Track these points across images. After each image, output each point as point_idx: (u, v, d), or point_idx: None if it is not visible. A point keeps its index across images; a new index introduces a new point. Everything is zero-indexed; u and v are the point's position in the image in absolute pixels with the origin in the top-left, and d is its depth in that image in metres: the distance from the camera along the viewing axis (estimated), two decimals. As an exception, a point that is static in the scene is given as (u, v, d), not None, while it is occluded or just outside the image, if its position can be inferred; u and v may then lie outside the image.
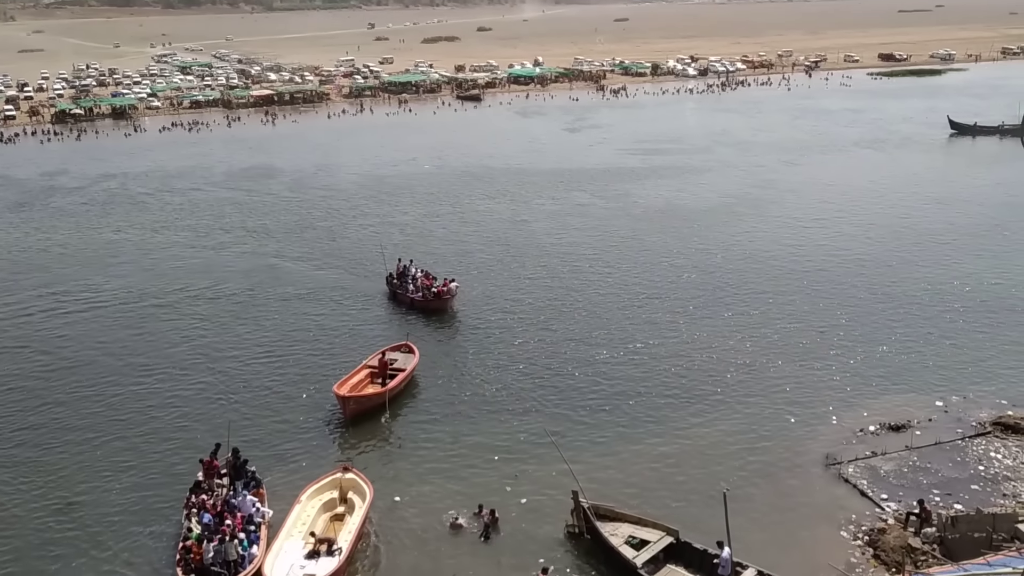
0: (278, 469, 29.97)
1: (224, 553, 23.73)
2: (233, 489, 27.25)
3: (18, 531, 26.80)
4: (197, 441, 31.31)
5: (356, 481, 28.04)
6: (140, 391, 36.33)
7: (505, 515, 26.86)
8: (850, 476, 28.49)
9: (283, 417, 33.98)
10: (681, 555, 24.44)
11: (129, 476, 29.74)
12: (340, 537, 25.48)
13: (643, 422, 32.90)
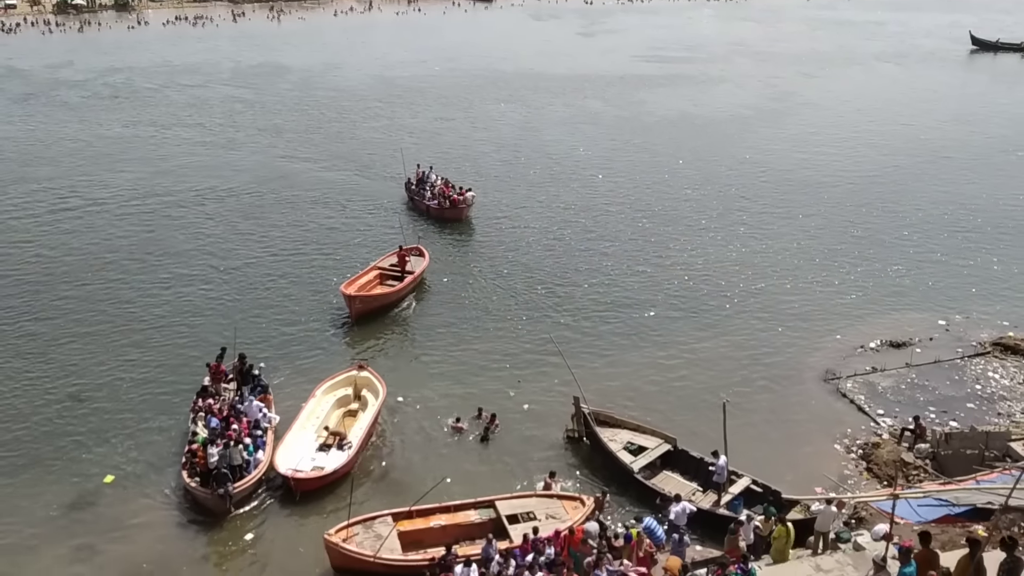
0: (284, 370, 30.42)
1: (229, 458, 23.47)
2: (240, 394, 27.43)
3: (26, 423, 27.35)
4: (204, 342, 31.62)
5: (370, 379, 28.57)
6: (147, 290, 36.64)
7: (506, 420, 27.39)
8: (848, 391, 28.91)
9: (290, 318, 34.38)
10: (678, 462, 25.03)
11: (136, 374, 30.16)
12: (351, 433, 26.12)
13: (647, 334, 33.24)
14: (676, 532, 20.06)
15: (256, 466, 24.20)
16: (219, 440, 23.77)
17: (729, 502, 22.86)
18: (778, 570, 17.87)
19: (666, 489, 23.35)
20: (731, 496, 23.04)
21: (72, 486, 24.35)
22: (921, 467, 24.26)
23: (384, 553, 20.65)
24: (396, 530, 21.51)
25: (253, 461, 24.26)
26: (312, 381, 29.02)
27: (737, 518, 20.41)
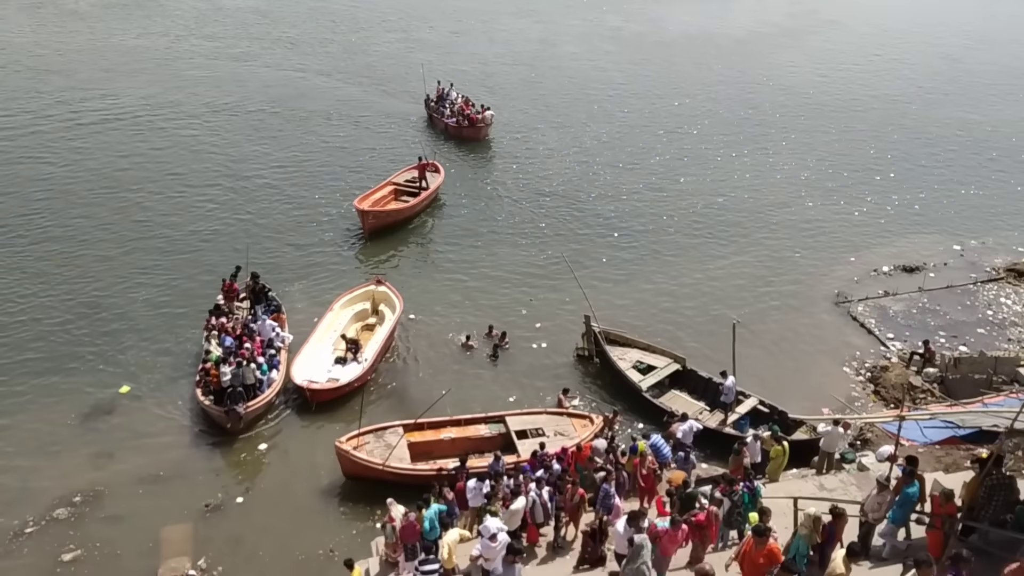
0: (297, 287, 30.64)
1: (242, 377, 23.54)
2: (253, 313, 27.47)
3: (43, 333, 27.68)
4: (217, 259, 31.65)
5: (387, 294, 28.84)
6: (160, 204, 36.52)
7: (518, 337, 27.70)
8: (859, 315, 28.96)
9: (304, 235, 34.39)
10: (686, 382, 25.32)
11: (151, 288, 30.35)
12: (367, 346, 26.47)
13: (662, 256, 33.28)
14: (682, 450, 20.38)
15: (269, 385, 24.33)
16: (232, 359, 23.89)
17: (735, 422, 23.18)
18: (781, 488, 18.15)
19: (673, 408, 23.68)
20: (737, 416, 23.35)
21: (89, 395, 24.81)
22: (929, 390, 24.42)
23: (393, 462, 21.19)
24: (406, 440, 22.02)
25: (266, 380, 24.36)
26: (324, 299, 29.28)
27: (742, 437, 20.69)
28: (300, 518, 20.85)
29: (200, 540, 20.14)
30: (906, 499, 14.21)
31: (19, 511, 20.73)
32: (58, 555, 19.53)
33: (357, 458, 21.24)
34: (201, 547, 19.93)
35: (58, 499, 21.10)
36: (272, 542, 20.08)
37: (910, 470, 14.65)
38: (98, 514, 20.80)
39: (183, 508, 21.05)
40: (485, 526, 14.66)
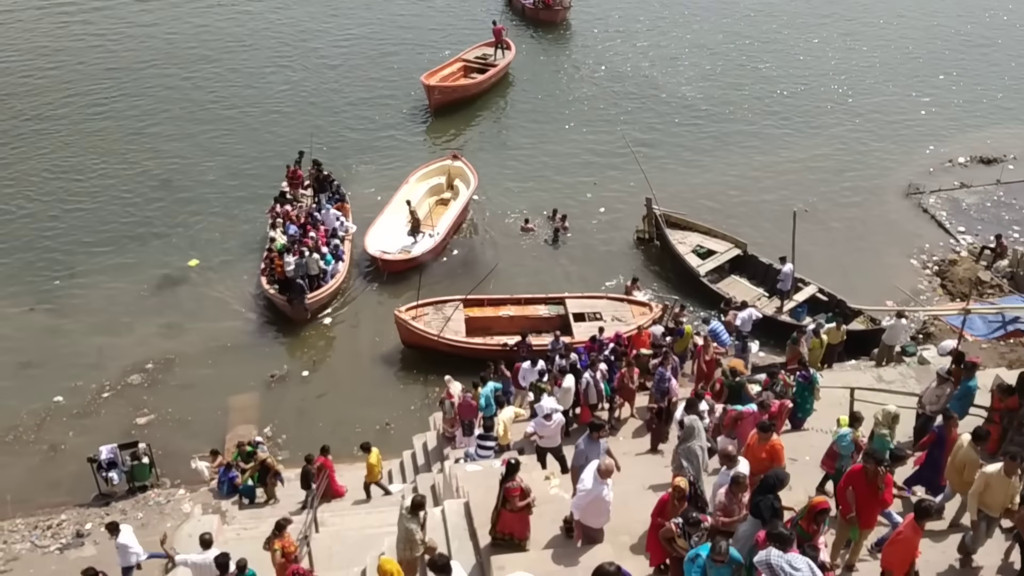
0: (361, 164, 30.72)
1: (305, 267, 23.29)
2: (317, 202, 26.98)
3: (117, 205, 28.48)
4: (285, 139, 31.41)
5: (463, 169, 28.85)
6: (229, 82, 36.35)
7: (579, 221, 27.59)
8: (930, 207, 28.10)
9: (370, 112, 34.09)
10: (746, 267, 25.00)
11: (220, 165, 30.66)
12: (440, 221, 26.65)
13: (731, 142, 32.43)
14: (740, 338, 20.34)
15: (333, 276, 24.22)
16: (296, 248, 23.71)
17: (792, 309, 22.95)
18: (840, 377, 18.04)
19: (731, 294, 23.53)
20: (795, 304, 23.09)
21: (159, 268, 25.67)
22: (998, 285, 23.80)
23: (447, 334, 21.88)
24: (465, 315, 22.63)
25: (330, 271, 24.22)
26: (391, 176, 29.38)
27: (801, 326, 20.49)
28: (361, 393, 21.57)
29: (266, 409, 21.01)
30: (965, 392, 14.02)
31: (97, 376, 21.80)
32: (133, 418, 20.60)
33: (414, 328, 21.92)
34: (267, 416, 20.80)
35: (132, 366, 22.12)
36: (333, 414, 20.82)
37: (970, 364, 14.44)
38: (170, 381, 21.77)
39: (249, 379, 21.89)
40: (540, 405, 14.91)
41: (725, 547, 8.47)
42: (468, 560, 11.24)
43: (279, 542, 11.95)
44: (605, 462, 10.27)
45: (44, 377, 21.68)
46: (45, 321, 23.69)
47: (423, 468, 17.56)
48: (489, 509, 11.42)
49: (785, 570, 7.75)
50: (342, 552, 14.14)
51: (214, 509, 16.81)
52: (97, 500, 18.03)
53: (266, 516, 15.70)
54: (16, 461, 19.39)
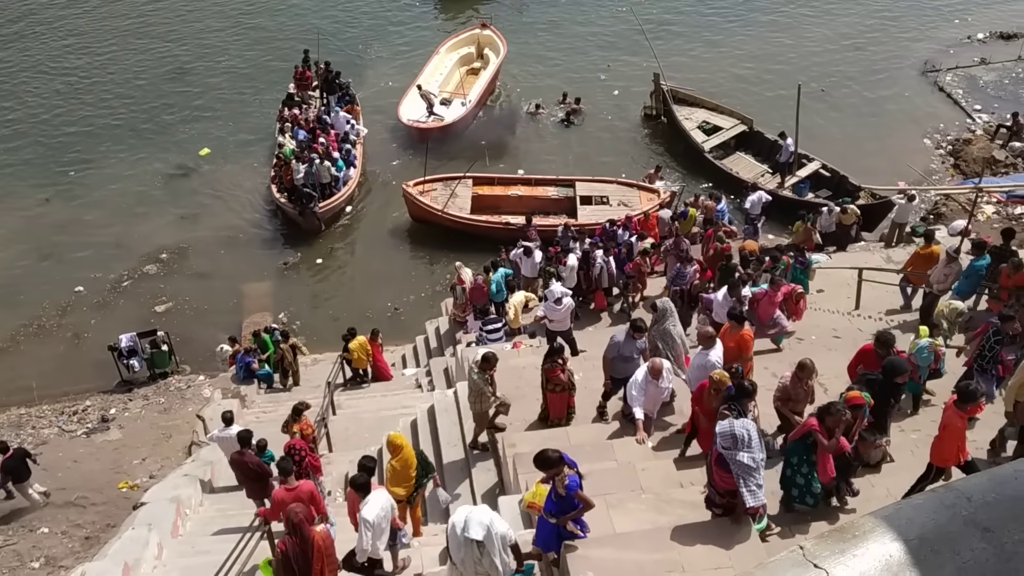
0: (375, 50, 30.43)
1: (316, 175, 22.56)
2: (326, 104, 26.22)
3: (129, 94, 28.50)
4: (287, 42, 30.56)
5: (492, 38, 28.86)
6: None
7: (594, 103, 27.38)
8: (946, 85, 27.49)
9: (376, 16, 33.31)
10: (752, 144, 24.84)
11: (232, 56, 30.41)
12: (472, 90, 26.80)
13: (750, 20, 31.71)
14: (749, 220, 20.32)
15: (346, 183, 23.54)
16: (306, 154, 22.96)
17: (796, 184, 22.90)
18: (849, 258, 18.07)
19: (735, 170, 23.64)
20: (798, 179, 23.02)
21: (172, 158, 25.82)
22: (1012, 164, 23.52)
23: (451, 209, 22.28)
24: (473, 192, 22.95)
25: (343, 177, 23.52)
26: (408, 60, 29.30)
27: (817, 205, 20.24)
28: (373, 280, 21.89)
29: (280, 297, 21.37)
30: (973, 271, 14.07)
31: (114, 266, 22.16)
32: (152, 306, 21.03)
33: (419, 202, 22.38)
34: (281, 303, 21.18)
35: (147, 256, 22.44)
36: (346, 301, 21.20)
37: (979, 242, 14.45)
38: (185, 271, 22.09)
39: (263, 267, 22.20)
40: (551, 290, 15.06)
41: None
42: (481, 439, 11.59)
43: (297, 425, 12.31)
44: (656, 361, 10.25)
45: (63, 268, 22.09)
46: (61, 213, 23.97)
47: (436, 352, 17.93)
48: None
49: (745, 439, 7.68)
50: (358, 433, 14.60)
51: (233, 394, 17.29)
52: (119, 387, 18.61)
53: (284, 400, 16.17)
54: (40, 350, 19.94)
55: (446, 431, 12.18)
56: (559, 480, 7.61)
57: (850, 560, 2.58)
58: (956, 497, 2.72)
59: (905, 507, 2.82)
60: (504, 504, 9.55)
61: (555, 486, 7.67)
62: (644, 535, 8.07)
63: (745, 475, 7.61)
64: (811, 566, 2.57)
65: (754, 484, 7.65)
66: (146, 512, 11.99)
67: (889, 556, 2.56)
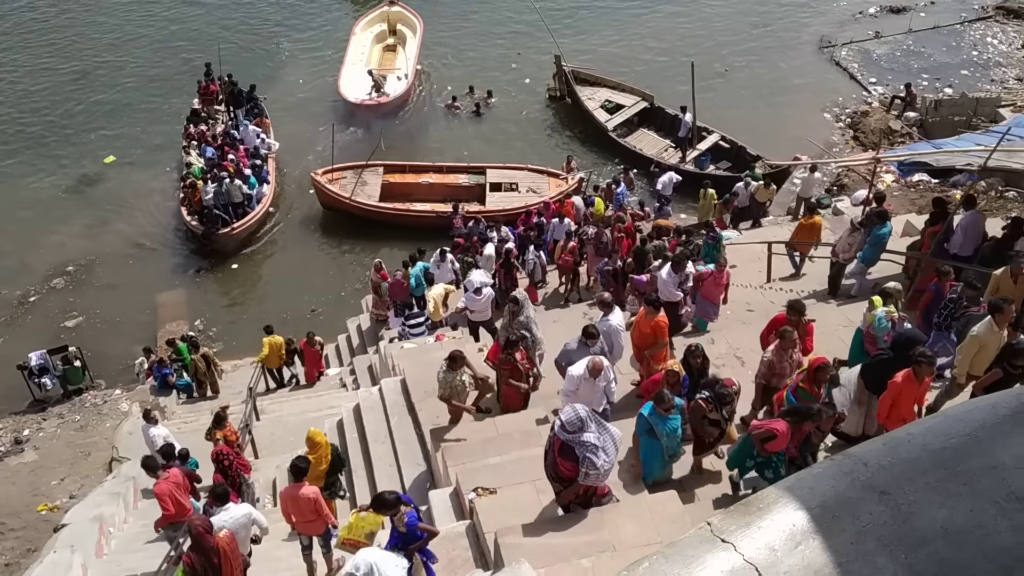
0: (287, 45, 30.13)
1: (227, 195, 21.41)
2: (234, 119, 25.15)
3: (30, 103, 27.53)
4: (194, 43, 29.72)
5: (403, 14, 29.31)
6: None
7: (504, 92, 27.60)
8: (842, 59, 28.38)
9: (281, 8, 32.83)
10: (653, 120, 25.49)
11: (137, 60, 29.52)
12: (401, 65, 27.52)
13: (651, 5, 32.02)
14: (660, 201, 20.72)
15: (259, 201, 22.46)
16: (215, 172, 21.84)
17: (696, 157, 23.60)
18: (758, 233, 18.57)
19: (639, 147, 24.34)
20: (698, 152, 23.74)
21: (75, 167, 24.99)
22: (908, 134, 24.40)
23: (360, 197, 22.42)
24: (384, 180, 23.09)
25: (255, 195, 22.35)
26: (324, 54, 29.29)
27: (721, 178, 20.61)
28: (290, 282, 21.60)
29: (195, 304, 20.93)
30: (876, 239, 14.53)
31: (19, 283, 21.41)
32: (61, 321, 20.38)
33: (327, 190, 22.41)
34: (196, 310, 20.75)
35: (54, 269, 21.73)
36: (263, 304, 20.90)
37: (880, 211, 14.96)
38: (94, 283, 21.45)
39: (175, 276, 21.71)
40: (470, 280, 15.08)
41: (670, 397, 8.59)
42: (408, 434, 11.57)
43: (220, 432, 12.13)
44: (597, 359, 9.83)
45: (-37, 287, 21.19)
46: (-40, 229, 22.99)
47: (359, 350, 17.82)
48: (424, 384, 11.73)
49: (588, 422, 7.57)
50: (284, 437, 14.43)
51: (152, 406, 16.87)
52: (32, 406, 17.99)
53: (204, 409, 15.89)
54: (-55, 373, 19.11)
55: (373, 429, 12.11)
56: (398, 519, 7.70)
57: (755, 532, 2.70)
58: (854, 463, 2.87)
59: (806, 477, 2.96)
60: (435, 497, 9.57)
61: (395, 525, 7.76)
62: (575, 518, 8.16)
63: (590, 454, 7.52)
64: (718, 541, 2.68)
65: (599, 461, 7.54)
66: (68, 533, 11.69)
67: (793, 525, 2.69)
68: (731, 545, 2.65)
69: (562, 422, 7.61)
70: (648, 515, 7.94)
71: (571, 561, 7.40)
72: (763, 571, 2.59)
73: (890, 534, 2.67)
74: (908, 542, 2.66)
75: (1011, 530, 2.70)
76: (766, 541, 2.67)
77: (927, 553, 2.64)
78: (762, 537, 2.68)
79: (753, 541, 2.67)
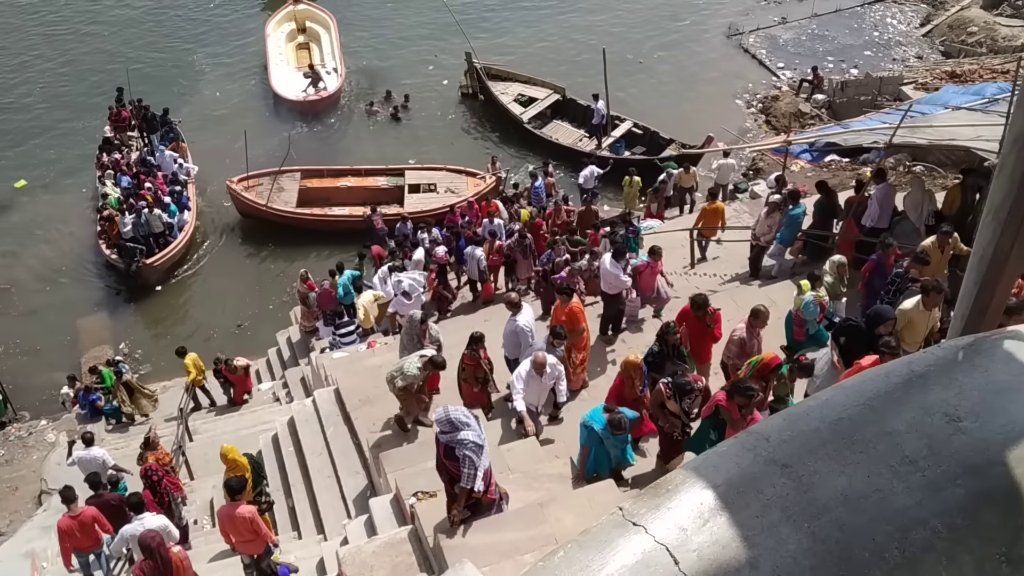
0: (201, 54, 29.64)
1: (148, 226, 20.61)
2: (149, 144, 24.10)
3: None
4: (106, 60, 29.18)
5: (310, 11, 29.41)
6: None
7: (421, 95, 27.62)
8: (750, 46, 29.07)
9: (194, 7, 32.35)
10: (567, 111, 25.94)
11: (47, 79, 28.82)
12: (327, 62, 27.68)
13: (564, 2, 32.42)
14: (584, 193, 20.98)
15: (182, 228, 21.62)
16: (133, 201, 21.00)
17: (611, 145, 24.13)
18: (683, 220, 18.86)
19: (555, 137, 24.81)
20: (613, 139, 24.27)
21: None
22: (817, 116, 25.11)
23: (276, 204, 22.24)
24: (301, 185, 22.98)
25: (177, 223, 21.51)
26: (239, 60, 29.25)
27: (662, 173, 20.85)
28: (215, 299, 21.32)
29: (118, 328, 20.46)
30: (791, 220, 14.91)
31: (-70, 317, 20.58)
32: (-22, 356, 19.67)
33: (243, 198, 22.24)
34: (120, 334, 20.27)
35: (-34, 300, 20.97)
36: (189, 323, 20.56)
37: (794, 192, 15.40)
38: (10, 312, 20.87)
39: (97, 300, 21.22)
40: (396, 282, 15.09)
41: (622, 419, 8.51)
42: (345, 444, 11.53)
43: (152, 455, 11.93)
44: (539, 355, 9.85)
45: None
46: None
47: (290, 363, 17.64)
48: (358, 393, 11.73)
49: (462, 420, 7.61)
50: (218, 457, 14.22)
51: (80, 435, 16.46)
52: (-46, 443, 17.36)
53: (135, 434, 15.57)
54: None
55: (309, 441, 12.05)
56: None
57: (665, 514, 2.82)
58: (756, 440, 3.02)
59: (712, 455, 3.09)
60: (376, 505, 9.58)
61: None
62: (516, 514, 8.26)
63: (471, 453, 7.54)
64: (630, 524, 2.79)
65: (476, 466, 7.57)
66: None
67: (700, 504, 2.82)
68: (642, 528, 2.76)
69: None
70: (587, 505, 8.08)
71: (514, 557, 7.48)
72: (674, 550, 2.71)
73: (793, 505, 2.81)
74: (810, 511, 2.80)
75: (906, 491, 2.87)
76: (675, 521, 2.79)
77: (829, 520, 2.79)
78: (671, 518, 2.80)
79: (663, 522, 2.79)
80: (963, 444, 3.00)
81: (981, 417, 3.08)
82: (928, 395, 3.15)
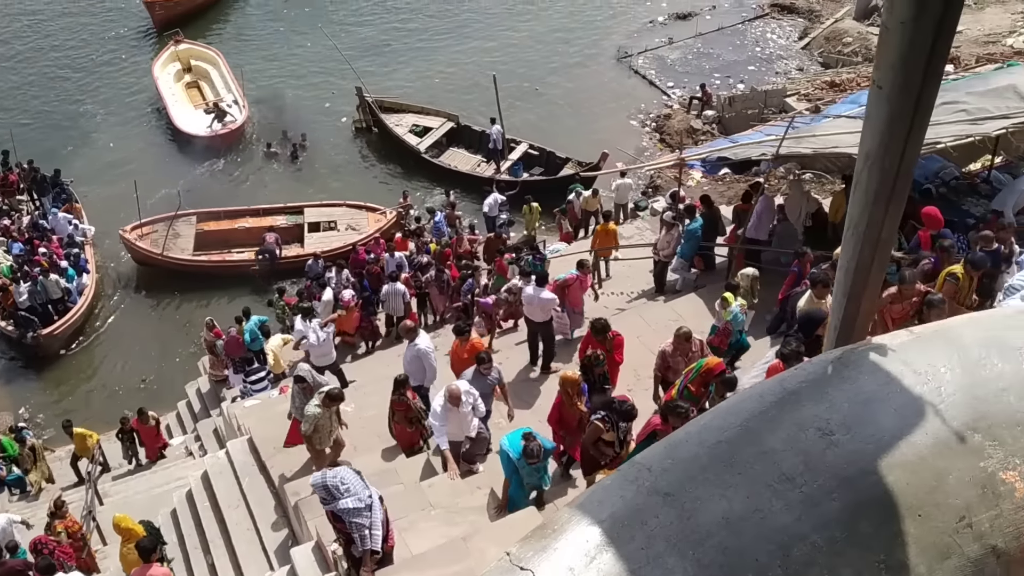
0: (94, 106, 28.99)
1: (45, 294, 19.84)
2: (40, 207, 23.42)
3: None
4: None
5: (193, 49, 29.15)
6: None
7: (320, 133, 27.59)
8: (640, 67, 29.82)
9: (78, 58, 31.42)
10: (462, 138, 26.31)
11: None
12: (225, 95, 27.47)
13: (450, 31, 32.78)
14: (490, 221, 21.20)
15: (81, 293, 20.79)
16: (28, 268, 20.22)
17: (510, 168, 24.58)
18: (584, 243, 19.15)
19: (453, 164, 25.12)
20: (511, 162, 24.74)
21: None
22: (708, 131, 25.90)
23: (173, 252, 21.83)
24: (198, 229, 22.57)
25: (76, 287, 20.71)
26: (132, 107, 28.81)
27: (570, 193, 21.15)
28: (119, 357, 20.70)
29: (17, 394, 19.65)
30: (690, 235, 15.34)
31: None
32: None
33: (137, 247, 21.77)
34: (20, 400, 19.48)
35: None
36: (92, 382, 19.93)
37: (689, 206, 15.90)
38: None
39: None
40: (298, 328, 14.97)
41: (537, 448, 8.49)
42: (263, 494, 11.35)
43: (62, 524, 11.55)
44: (452, 387, 9.73)
45: None
46: None
47: (202, 414, 17.27)
48: (273, 441, 11.57)
49: (339, 486, 7.63)
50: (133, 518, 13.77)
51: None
52: None
53: (42, 503, 14.96)
54: None
55: (224, 494, 11.81)
56: None
57: (552, 555, 2.90)
58: (638, 471, 3.13)
59: (597, 490, 3.19)
60: (297, 554, 9.45)
61: None
62: (439, 550, 8.28)
63: (356, 519, 7.62)
64: (518, 570, 2.87)
65: (366, 527, 7.65)
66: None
67: (587, 541, 2.91)
68: (530, 572, 2.83)
69: None
70: (510, 535, 8.09)
71: (440, 594, 7.51)
72: (562, 592, 2.79)
73: (677, 534, 2.91)
74: (694, 538, 2.91)
75: (785, 509, 3.00)
76: (563, 562, 2.86)
77: (712, 545, 2.90)
78: (558, 559, 2.87)
79: (551, 564, 2.86)
80: (836, 457, 3.15)
81: (852, 429, 3.23)
82: (801, 411, 3.31)
